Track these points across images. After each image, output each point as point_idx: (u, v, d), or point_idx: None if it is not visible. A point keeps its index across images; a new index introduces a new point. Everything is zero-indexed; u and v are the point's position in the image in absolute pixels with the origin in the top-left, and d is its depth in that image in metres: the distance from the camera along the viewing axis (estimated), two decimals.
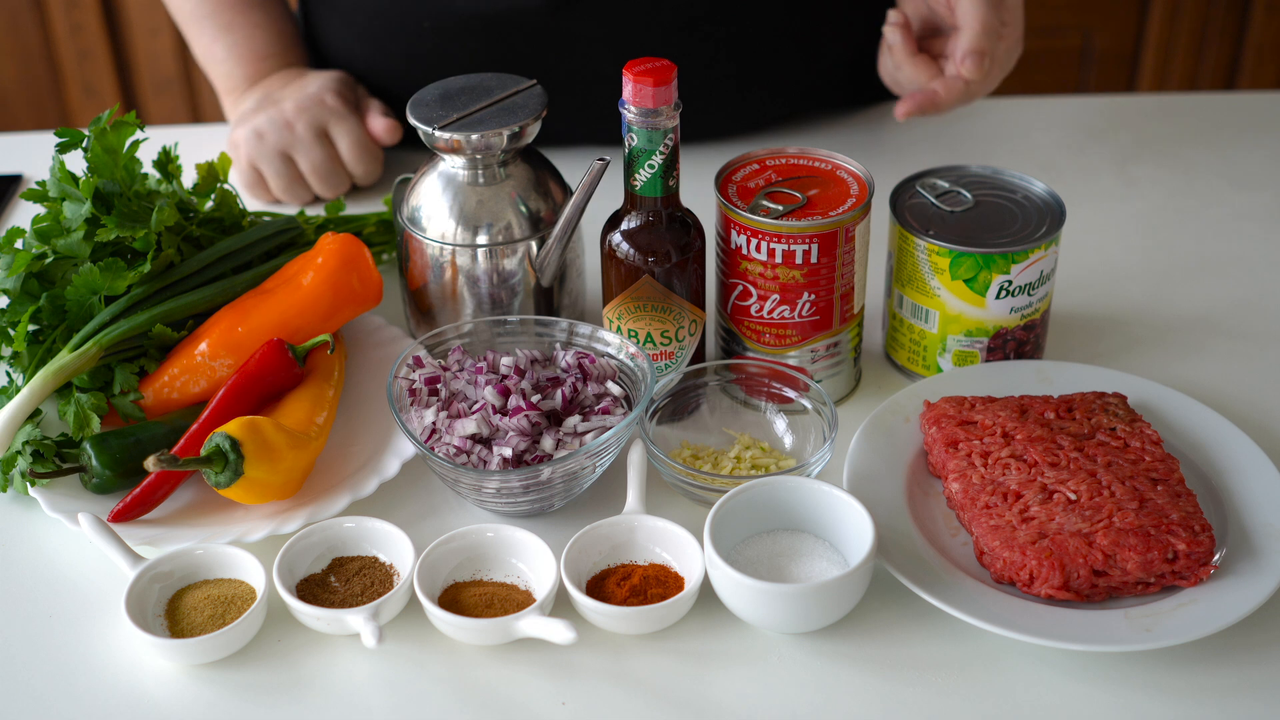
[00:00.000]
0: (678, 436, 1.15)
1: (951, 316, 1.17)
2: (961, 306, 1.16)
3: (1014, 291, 1.15)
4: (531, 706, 0.96)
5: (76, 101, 2.79)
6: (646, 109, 1.05)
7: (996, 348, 1.18)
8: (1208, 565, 0.99)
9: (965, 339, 1.17)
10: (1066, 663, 0.98)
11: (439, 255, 1.19)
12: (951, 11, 1.35)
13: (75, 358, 1.13)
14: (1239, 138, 1.56)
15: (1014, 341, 1.18)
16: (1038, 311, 1.18)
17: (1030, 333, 1.18)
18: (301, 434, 1.09)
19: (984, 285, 1.14)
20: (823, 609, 0.97)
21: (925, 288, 1.17)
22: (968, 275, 1.14)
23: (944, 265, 1.15)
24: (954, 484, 1.06)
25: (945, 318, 1.17)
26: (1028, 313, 1.17)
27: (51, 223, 1.18)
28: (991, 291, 1.15)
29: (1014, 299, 1.15)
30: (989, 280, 1.14)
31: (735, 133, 1.55)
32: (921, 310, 1.18)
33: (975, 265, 1.14)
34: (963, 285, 1.15)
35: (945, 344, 1.18)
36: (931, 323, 1.18)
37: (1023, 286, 1.15)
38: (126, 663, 0.99)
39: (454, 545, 1.03)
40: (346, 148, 1.43)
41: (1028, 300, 1.16)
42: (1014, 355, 1.19)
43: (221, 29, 1.50)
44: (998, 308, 1.16)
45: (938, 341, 1.18)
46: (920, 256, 1.16)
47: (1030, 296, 1.16)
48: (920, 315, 1.18)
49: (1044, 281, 1.16)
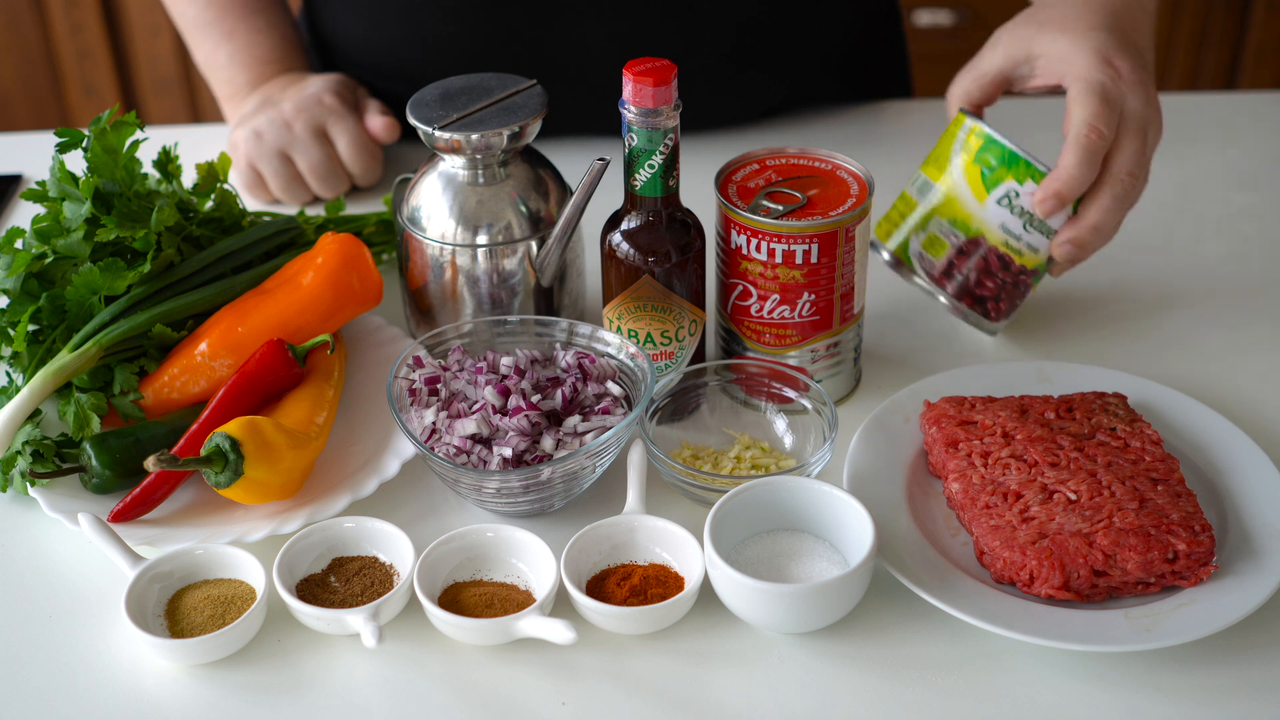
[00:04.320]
0: (678, 436, 1.15)
1: (950, 199, 1.16)
2: (964, 193, 1.15)
3: (1014, 209, 1.13)
4: (531, 706, 0.96)
5: (76, 101, 2.79)
6: (646, 109, 1.05)
7: (967, 254, 1.16)
8: (1208, 565, 0.99)
9: (947, 227, 1.16)
10: (1066, 663, 0.98)
11: (439, 255, 1.19)
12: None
13: (75, 358, 1.13)
14: (1239, 138, 1.56)
15: (984, 272, 1.16)
16: (1020, 258, 1.16)
17: (1001, 279, 1.16)
18: (301, 434, 1.09)
19: (994, 182, 1.13)
20: (823, 609, 0.97)
21: (945, 164, 1.16)
22: (987, 164, 1.13)
23: (975, 146, 1.14)
24: (954, 484, 1.06)
25: (945, 198, 1.16)
26: (1013, 245, 1.15)
27: (51, 223, 1.18)
28: (996, 193, 1.14)
29: (1010, 216, 1.14)
30: (1000, 179, 1.13)
31: (733, 119, 1.55)
32: (929, 186, 1.17)
33: (999, 157, 1.13)
34: (977, 173, 1.14)
35: (928, 224, 1.17)
36: (930, 198, 1.17)
37: (1024, 211, 1.13)
38: (126, 663, 0.99)
39: (454, 545, 1.03)
40: (345, 146, 1.43)
41: (1019, 231, 1.15)
42: (974, 294, 1.17)
43: (224, 35, 1.50)
44: (992, 213, 1.15)
45: (925, 219, 1.17)
46: (961, 136, 1.16)
47: (1023, 230, 1.15)
48: (925, 190, 1.17)
49: (1042, 229, 1.15)
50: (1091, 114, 1.11)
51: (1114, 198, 1.13)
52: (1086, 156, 1.11)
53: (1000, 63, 1.19)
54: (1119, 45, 1.15)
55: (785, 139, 1.54)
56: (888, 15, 1.64)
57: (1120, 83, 1.13)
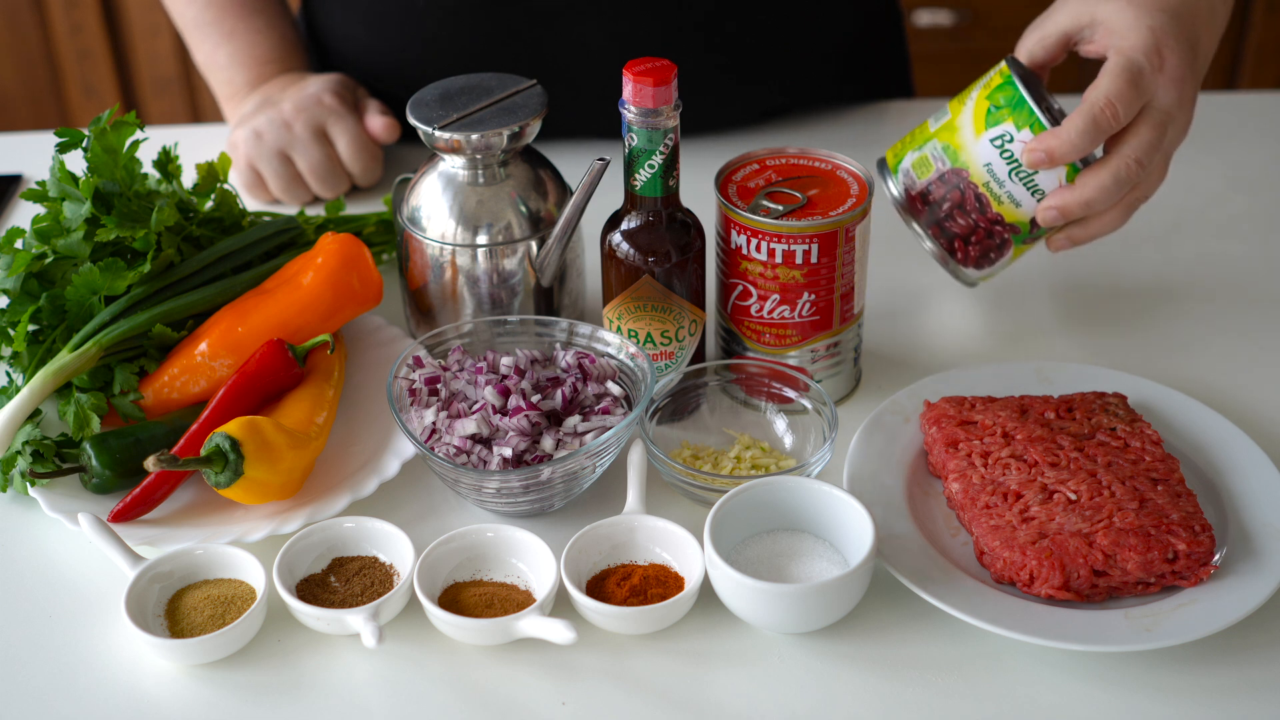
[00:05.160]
0: (678, 436, 1.15)
1: (951, 125, 1.14)
2: (966, 123, 1.13)
3: (1005, 153, 1.11)
4: (531, 706, 0.96)
5: (76, 101, 2.79)
6: (646, 109, 1.05)
7: (947, 183, 1.14)
8: (1208, 565, 0.99)
9: (939, 150, 1.14)
10: (1066, 663, 0.98)
11: (439, 255, 1.19)
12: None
13: (75, 358, 1.13)
14: (1239, 138, 1.56)
15: (958, 206, 1.14)
16: (999, 205, 1.13)
17: (974, 220, 1.14)
18: (301, 434, 1.09)
19: (995, 120, 1.12)
20: (823, 609, 0.97)
21: (964, 97, 1.15)
22: (996, 102, 1.12)
23: (993, 84, 1.12)
24: (954, 484, 1.06)
25: (948, 123, 1.15)
26: (993, 190, 1.13)
27: (51, 223, 1.18)
28: (993, 131, 1.12)
29: (998, 159, 1.12)
30: (1001, 119, 1.11)
31: (734, 119, 1.55)
32: (944, 113, 1.16)
33: (1009, 99, 1.11)
34: (984, 109, 1.12)
35: (925, 145, 1.15)
36: (937, 122, 1.16)
37: (1014, 158, 1.11)
38: (126, 663, 0.99)
39: (454, 545, 1.03)
40: (344, 146, 1.43)
41: (1003, 177, 1.12)
42: (943, 225, 1.15)
43: (224, 36, 1.50)
44: (983, 149, 1.12)
45: (925, 138, 1.16)
46: (990, 75, 1.14)
47: (1007, 177, 1.12)
48: (939, 117, 1.16)
49: (1029, 185, 1.12)
50: (1115, 91, 1.09)
51: (1114, 179, 1.11)
52: (1090, 126, 1.08)
53: (1064, 23, 1.15)
54: (1176, 34, 1.11)
55: (785, 139, 1.54)
56: (888, 15, 1.64)
57: (1158, 75, 1.11)
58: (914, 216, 1.17)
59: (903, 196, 1.17)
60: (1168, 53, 1.11)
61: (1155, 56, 1.10)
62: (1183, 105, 1.12)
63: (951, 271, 1.19)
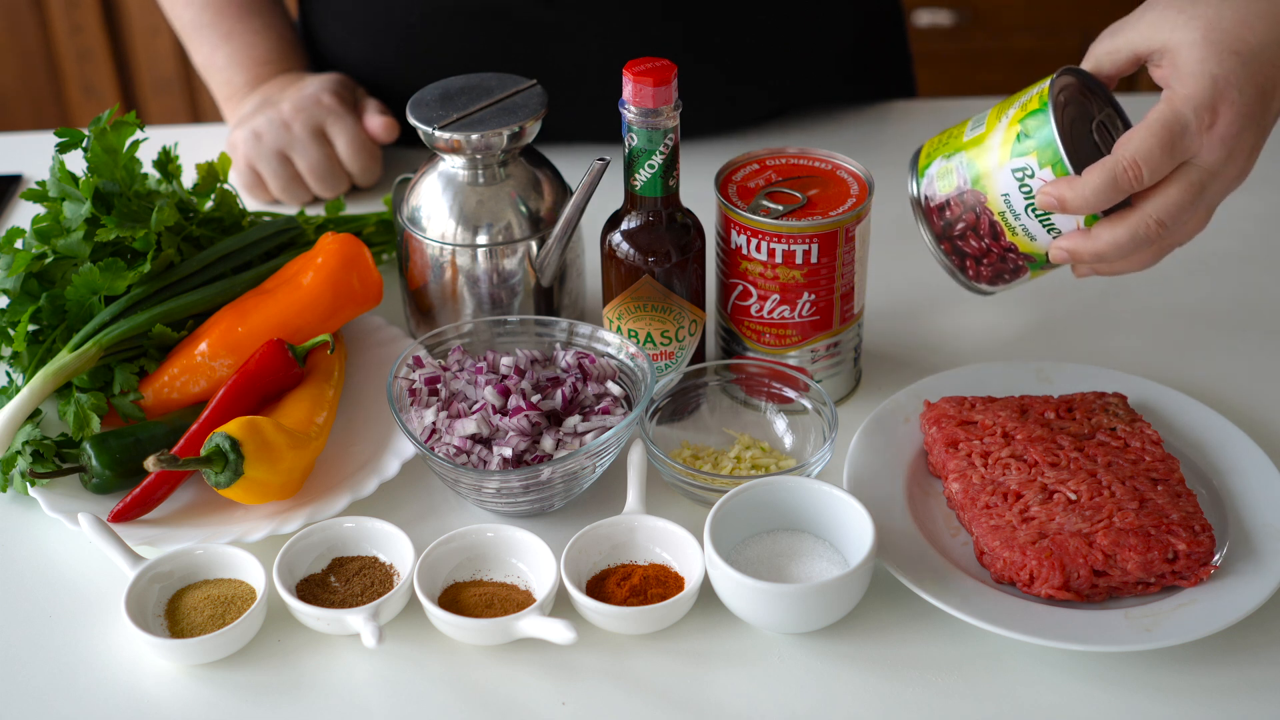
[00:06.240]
0: (678, 436, 1.15)
1: (983, 143, 1.08)
2: (994, 145, 1.07)
3: (1024, 187, 1.06)
4: (531, 706, 0.96)
5: (76, 101, 2.79)
6: (646, 109, 1.05)
7: (965, 203, 1.09)
8: (1208, 565, 0.99)
9: (964, 165, 1.09)
10: (1066, 663, 0.98)
11: (439, 255, 1.19)
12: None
13: (75, 358, 1.13)
14: None
15: (972, 229, 1.10)
16: (1013, 236, 1.08)
17: (987, 244, 1.10)
18: (301, 434, 1.09)
19: (1020, 151, 1.05)
20: (823, 609, 0.97)
21: (1005, 108, 1.08)
22: (1026, 131, 1.05)
23: (1030, 107, 1.05)
24: (954, 484, 1.06)
25: (979, 139, 1.09)
26: (1008, 220, 1.08)
27: (51, 223, 1.18)
28: (1016, 162, 1.05)
29: (1017, 191, 1.06)
30: (1025, 151, 1.05)
31: (735, 120, 1.54)
32: (981, 123, 1.10)
33: (1038, 128, 1.04)
34: (1014, 133, 1.06)
35: (954, 155, 1.10)
36: (972, 133, 1.10)
37: (1031, 194, 1.06)
38: (126, 663, 0.99)
39: (454, 545, 1.03)
40: (344, 146, 1.43)
41: (1019, 210, 1.07)
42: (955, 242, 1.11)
43: (222, 37, 1.50)
44: (1003, 179, 1.06)
45: (955, 148, 1.10)
46: (1034, 91, 1.07)
47: (1023, 211, 1.07)
48: (977, 125, 1.10)
49: (1044, 222, 1.07)
50: (1143, 152, 1.00)
51: (1130, 235, 1.04)
52: (1109, 185, 1.01)
53: (1137, 41, 1.05)
54: (1245, 82, 1.01)
55: (785, 139, 1.54)
56: (890, 15, 1.64)
57: (1204, 134, 1.01)
58: (929, 226, 1.14)
59: (922, 203, 1.14)
60: (1225, 107, 1.01)
61: (1207, 114, 1.01)
62: (1231, 161, 1.02)
63: (956, 278, 1.17)
